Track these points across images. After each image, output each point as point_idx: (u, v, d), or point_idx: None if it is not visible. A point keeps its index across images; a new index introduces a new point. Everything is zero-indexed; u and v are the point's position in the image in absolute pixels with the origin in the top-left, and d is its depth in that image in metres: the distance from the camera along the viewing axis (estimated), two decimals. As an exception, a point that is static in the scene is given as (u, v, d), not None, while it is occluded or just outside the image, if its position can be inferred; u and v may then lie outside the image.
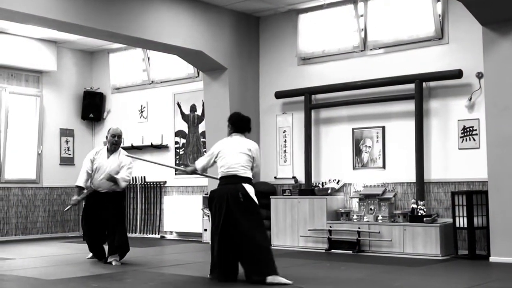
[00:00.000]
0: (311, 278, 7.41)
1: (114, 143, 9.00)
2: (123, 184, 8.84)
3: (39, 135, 13.82)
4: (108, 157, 9.00)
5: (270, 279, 6.91)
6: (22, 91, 13.60)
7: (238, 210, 7.14)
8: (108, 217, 8.92)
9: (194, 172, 7.92)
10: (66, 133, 14.39)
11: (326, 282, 7.15)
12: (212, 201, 7.36)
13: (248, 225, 7.12)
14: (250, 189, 7.26)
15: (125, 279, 7.46)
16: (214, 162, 7.53)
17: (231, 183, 7.27)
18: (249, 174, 7.38)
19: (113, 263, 8.77)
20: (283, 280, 6.93)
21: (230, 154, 7.36)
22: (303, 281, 7.18)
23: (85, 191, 9.14)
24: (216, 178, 7.61)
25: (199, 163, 7.70)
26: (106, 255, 9.00)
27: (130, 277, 7.57)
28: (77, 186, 9.14)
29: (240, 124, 7.62)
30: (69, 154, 14.37)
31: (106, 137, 9.16)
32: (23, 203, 13.49)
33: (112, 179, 8.78)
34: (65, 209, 9.86)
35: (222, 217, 7.13)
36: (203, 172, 7.86)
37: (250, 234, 7.09)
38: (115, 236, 8.83)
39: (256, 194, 10.92)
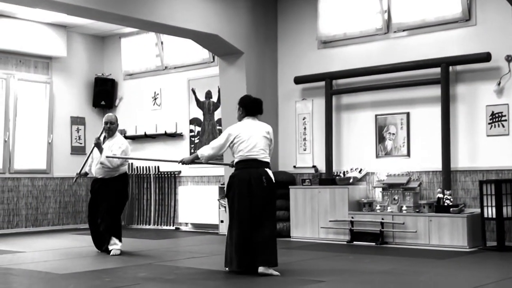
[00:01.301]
0: (333, 272, 7.40)
1: (107, 130, 9.40)
2: (102, 159, 9.12)
3: (49, 124, 13.89)
4: (103, 143, 9.40)
5: (262, 269, 7.08)
6: (31, 78, 13.66)
7: (262, 194, 7.20)
8: (101, 203, 9.24)
9: (193, 162, 7.84)
10: (77, 121, 14.45)
11: (349, 276, 7.14)
12: (232, 186, 7.36)
13: (264, 214, 7.20)
14: (272, 175, 7.35)
15: (139, 272, 7.48)
16: (228, 147, 7.51)
17: (252, 167, 7.30)
18: (268, 158, 7.44)
19: (112, 252, 9.00)
20: (274, 272, 7.10)
21: (250, 138, 7.36)
22: (324, 274, 7.18)
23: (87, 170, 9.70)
24: (223, 164, 7.62)
25: (206, 151, 7.54)
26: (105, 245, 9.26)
27: (144, 271, 7.60)
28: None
29: (253, 106, 7.63)
30: (80, 143, 14.43)
31: (103, 124, 9.55)
32: (33, 194, 13.57)
33: (98, 145, 9.25)
34: (74, 181, 10.12)
35: (248, 199, 7.17)
36: (209, 160, 7.77)
37: (263, 223, 7.18)
38: (104, 222, 9.15)
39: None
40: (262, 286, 6.57)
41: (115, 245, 9.07)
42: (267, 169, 7.34)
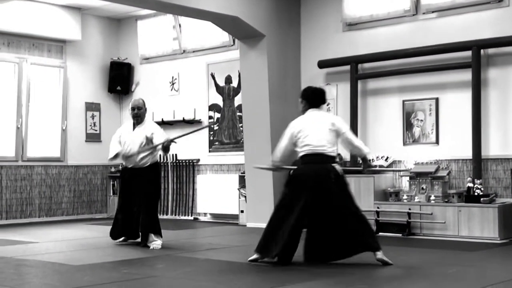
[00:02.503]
0: (358, 264, 7.40)
1: (135, 116, 9.13)
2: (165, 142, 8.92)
3: (63, 110, 13.97)
4: (133, 130, 9.15)
5: (379, 254, 7.20)
6: (45, 62, 13.74)
7: (331, 191, 7.23)
8: (138, 196, 9.04)
9: (276, 168, 7.88)
10: (92, 107, 14.53)
11: (373, 268, 7.14)
12: (295, 180, 7.37)
13: (342, 204, 7.24)
14: (340, 169, 7.35)
15: (156, 264, 7.53)
16: (294, 144, 7.49)
17: (318, 162, 7.31)
18: (335, 152, 7.45)
19: (151, 246, 8.83)
20: (387, 259, 7.23)
21: (314, 131, 7.35)
22: (348, 267, 7.19)
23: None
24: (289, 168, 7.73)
25: (276, 154, 7.65)
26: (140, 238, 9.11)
27: (162, 262, 7.64)
28: (115, 155, 9.22)
29: (315, 97, 7.61)
30: (95, 130, 14.51)
31: (129, 110, 9.29)
32: (47, 182, 13.68)
33: (167, 147, 8.95)
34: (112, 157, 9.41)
35: (310, 196, 7.17)
36: (282, 163, 7.75)
37: (347, 212, 7.23)
38: (141, 218, 8.97)
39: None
40: (284, 278, 6.59)
41: (154, 242, 8.86)
42: (334, 164, 7.34)
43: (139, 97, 9.58)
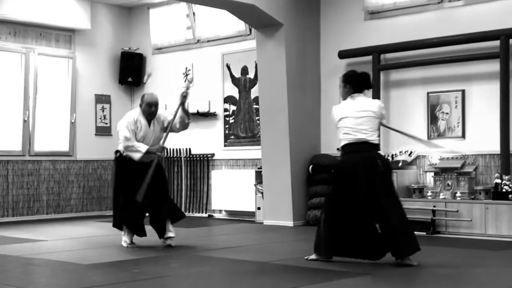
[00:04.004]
0: (379, 263, 7.42)
1: (152, 113, 8.94)
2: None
3: (72, 102, 14.03)
4: (149, 126, 8.96)
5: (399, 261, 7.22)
6: (53, 53, 13.80)
7: (377, 181, 7.20)
8: (155, 184, 8.81)
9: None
10: (102, 99, 14.58)
11: (396, 268, 7.16)
12: (342, 171, 7.36)
13: (386, 201, 7.20)
14: (385, 157, 7.29)
15: (169, 263, 7.57)
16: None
17: (363, 150, 7.27)
18: (378, 140, 7.41)
19: (167, 242, 8.84)
20: (412, 262, 7.22)
21: (356, 118, 7.32)
22: (370, 266, 7.20)
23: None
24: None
25: None
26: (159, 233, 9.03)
27: (176, 262, 7.69)
28: (146, 152, 8.83)
29: (361, 81, 7.55)
30: (106, 123, 14.56)
31: (140, 105, 9.00)
32: (55, 178, 13.75)
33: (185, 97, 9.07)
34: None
35: (356, 187, 7.17)
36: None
37: (389, 211, 7.18)
38: (164, 207, 8.89)
39: (316, 168, 10.91)
40: (303, 278, 6.62)
41: (170, 234, 8.85)
42: (380, 152, 7.34)
43: (151, 92, 9.42)
